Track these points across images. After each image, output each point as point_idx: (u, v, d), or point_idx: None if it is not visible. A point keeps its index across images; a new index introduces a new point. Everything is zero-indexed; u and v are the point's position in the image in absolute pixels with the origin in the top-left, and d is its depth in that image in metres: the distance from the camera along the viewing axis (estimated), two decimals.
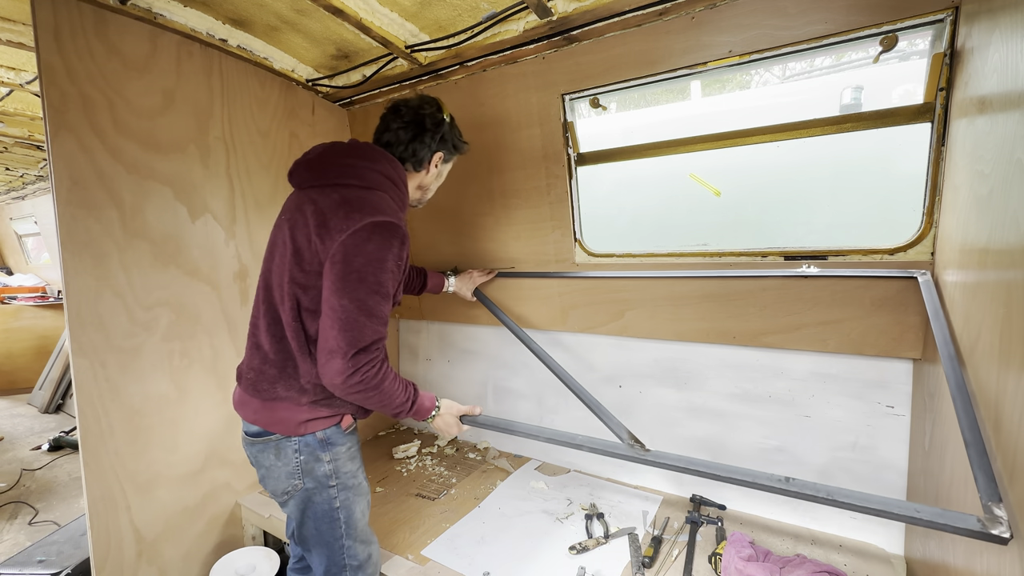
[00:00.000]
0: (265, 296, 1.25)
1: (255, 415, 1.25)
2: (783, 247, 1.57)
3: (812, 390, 1.64)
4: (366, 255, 1.09)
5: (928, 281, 1.33)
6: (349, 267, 1.08)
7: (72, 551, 2.01)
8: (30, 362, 5.01)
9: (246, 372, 1.27)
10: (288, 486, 1.25)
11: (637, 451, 1.25)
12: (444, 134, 1.35)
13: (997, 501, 0.80)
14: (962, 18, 1.15)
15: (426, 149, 1.33)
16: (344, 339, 1.08)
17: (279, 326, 1.22)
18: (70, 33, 1.41)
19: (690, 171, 2.16)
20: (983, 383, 0.94)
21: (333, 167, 1.21)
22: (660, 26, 1.46)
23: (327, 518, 1.27)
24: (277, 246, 1.23)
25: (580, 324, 2.06)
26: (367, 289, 1.09)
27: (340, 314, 1.08)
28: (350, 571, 1.31)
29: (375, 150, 1.27)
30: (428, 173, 1.38)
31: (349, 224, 1.09)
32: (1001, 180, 0.89)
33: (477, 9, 1.53)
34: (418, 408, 1.30)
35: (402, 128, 1.30)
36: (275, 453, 1.24)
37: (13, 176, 4.37)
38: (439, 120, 1.34)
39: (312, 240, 1.13)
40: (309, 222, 1.15)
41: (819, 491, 0.99)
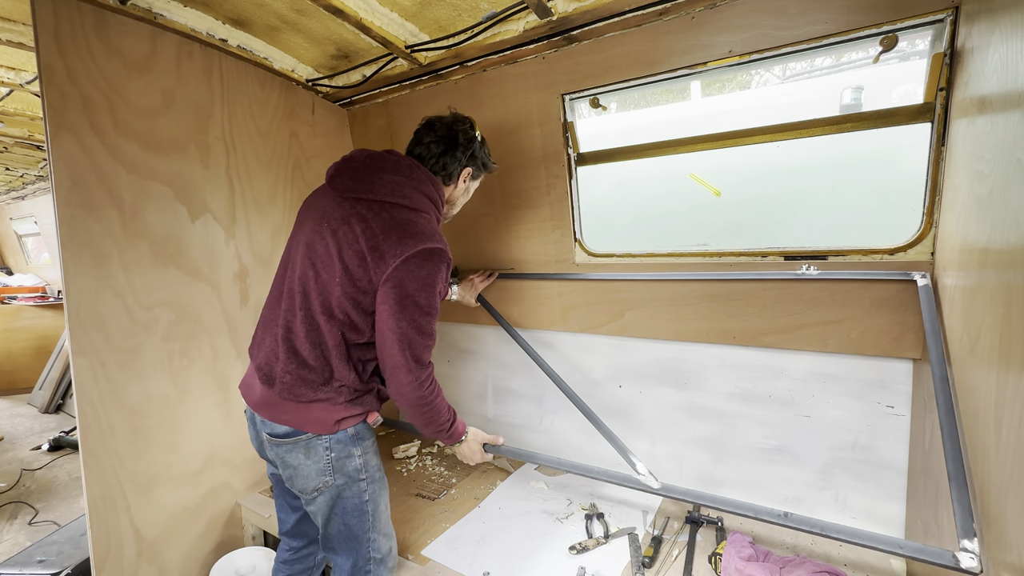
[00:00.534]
0: (303, 302, 1.24)
1: (287, 416, 1.24)
2: (783, 247, 1.57)
3: (812, 390, 1.64)
4: (419, 281, 1.17)
5: (928, 281, 1.33)
6: (404, 292, 1.16)
7: (72, 551, 2.01)
8: (30, 362, 5.01)
9: (281, 375, 1.24)
10: (319, 483, 1.26)
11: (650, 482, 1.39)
12: (475, 151, 1.39)
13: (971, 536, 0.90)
14: (962, 18, 1.15)
15: (456, 164, 1.37)
16: (404, 356, 1.19)
17: (318, 333, 1.23)
18: (70, 33, 1.41)
19: (690, 171, 2.16)
20: (982, 384, 0.94)
21: (381, 183, 1.23)
22: (660, 26, 1.46)
23: (357, 512, 1.29)
24: (318, 254, 1.22)
25: (580, 324, 2.06)
26: (421, 312, 1.18)
27: (399, 335, 1.18)
28: (373, 563, 1.34)
29: (420, 169, 1.30)
30: (456, 188, 1.42)
31: (403, 250, 1.15)
32: (1001, 180, 0.89)
33: (477, 9, 1.53)
34: (453, 431, 1.40)
35: (434, 142, 1.35)
36: (304, 452, 1.24)
37: (13, 176, 4.37)
38: (471, 137, 1.38)
39: (366, 261, 1.17)
40: (360, 241, 1.17)
41: (814, 526, 1.12)
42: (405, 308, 1.16)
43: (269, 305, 1.34)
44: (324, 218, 1.24)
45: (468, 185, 1.45)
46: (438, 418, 1.33)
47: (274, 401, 1.25)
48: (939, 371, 1.14)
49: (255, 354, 1.34)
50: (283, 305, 1.28)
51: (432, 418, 1.32)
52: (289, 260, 1.31)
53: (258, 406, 1.28)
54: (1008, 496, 0.80)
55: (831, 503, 1.62)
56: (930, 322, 1.23)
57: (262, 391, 1.27)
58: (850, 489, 1.59)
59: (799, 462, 1.67)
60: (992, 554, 0.87)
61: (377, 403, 1.35)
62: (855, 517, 1.59)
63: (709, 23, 1.40)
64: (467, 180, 1.42)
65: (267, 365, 1.28)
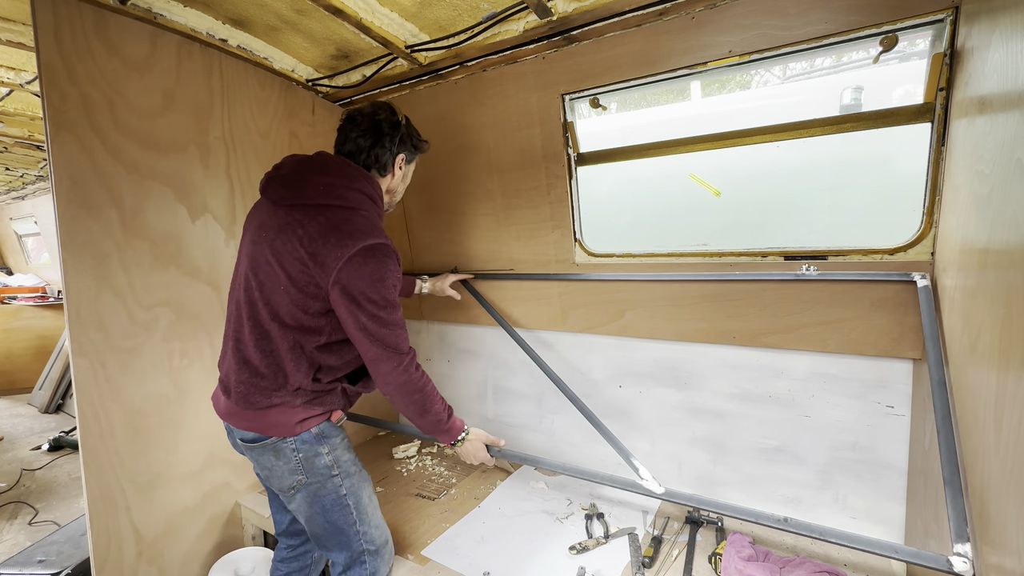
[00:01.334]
0: (250, 312, 1.26)
1: (249, 423, 1.27)
2: (783, 247, 1.57)
3: (812, 390, 1.64)
4: (366, 279, 1.16)
5: (928, 281, 1.33)
6: (355, 292, 1.16)
7: (72, 551, 2.01)
8: (30, 362, 5.01)
9: (235, 385, 1.27)
10: (292, 482, 1.28)
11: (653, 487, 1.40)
12: (402, 136, 1.37)
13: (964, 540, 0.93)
14: (962, 18, 1.15)
15: (387, 153, 1.35)
16: (377, 347, 1.20)
17: (268, 340, 1.24)
18: (70, 33, 1.41)
19: (690, 171, 2.16)
20: (982, 384, 0.94)
21: (312, 186, 1.22)
22: (660, 26, 1.46)
23: (337, 506, 1.31)
24: (260, 264, 1.23)
25: (580, 324, 2.06)
26: (377, 307, 1.18)
27: (364, 331, 1.19)
28: (368, 555, 1.35)
29: (350, 167, 1.28)
30: (394, 177, 1.40)
31: (343, 252, 1.15)
32: (1001, 180, 0.89)
33: (477, 9, 1.53)
34: (451, 426, 1.40)
35: (360, 136, 1.32)
36: (274, 454, 1.27)
37: (13, 176, 4.37)
38: (395, 123, 1.36)
39: (307, 266, 1.17)
40: (299, 249, 1.17)
41: (813, 531, 1.14)
42: (361, 306, 1.17)
43: (227, 320, 1.36)
44: (261, 228, 1.25)
45: (405, 171, 1.43)
46: (432, 407, 1.32)
47: (234, 410, 1.28)
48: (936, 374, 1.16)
49: (221, 367, 1.37)
50: (233, 316, 1.31)
51: (426, 406, 1.31)
52: (235, 274, 1.34)
53: (224, 415, 1.32)
54: (1008, 496, 0.80)
55: (831, 503, 1.62)
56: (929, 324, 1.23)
57: (225, 401, 1.31)
58: (850, 489, 1.59)
59: (799, 462, 1.67)
60: (986, 556, 0.87)
61: (342, 401, 1.36)
62: (855, 517, 1.59)
63: (709, 23, 1.40)
64: (402, 166, 1.41)
65: (226, 377, 1.31)
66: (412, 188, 2.27)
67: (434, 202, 2.24)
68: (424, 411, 1.32)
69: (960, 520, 0.95)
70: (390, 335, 1.21)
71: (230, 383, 1.29)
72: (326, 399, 1.31)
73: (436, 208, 2.25)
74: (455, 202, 2.17)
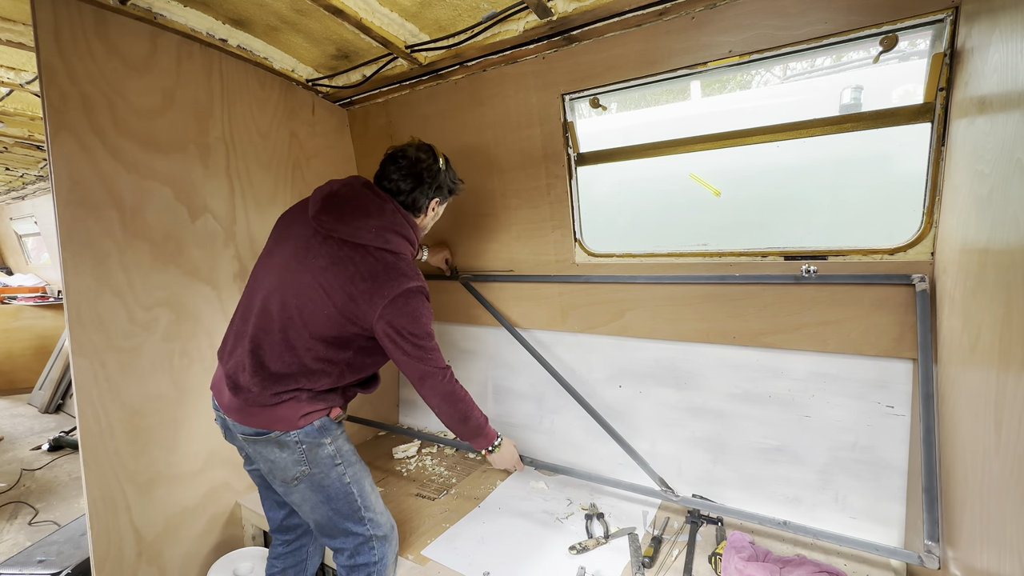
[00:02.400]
0: (282, 326, 1.30)
1: (253, 419, 1.30)
2: (783, 247, 1.57)
3: (812, 390, 1.64)
4: (407, 316, 1.29)
5: (928, 281, 1.33)
6: (398, 328, 1.29)
7: (72, 551, 2.01)
8: (30, 362, 5.01)
9: (247, 386, 1.30)
10: (297, 472, 1.32)
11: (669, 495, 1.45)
12: (440, 182, 1.46)
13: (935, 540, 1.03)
14: (962, 18, 1.15)
15: (424, 198, 1.44)
16: (422, 365, 1.34)
17: (294, 354, 1.30)
18: (70, 33, 1.41)
19: (690, 171, 2.16)
20: (983, 383, 0.94)
21: (367, 228, 1.31)
22: (660, 26, 1.46)
23: (342, 494, 1.35)
24: (304, 287, 1.29)
25: (580, 324, 2.06)
26: (417, 338, 1.32)
27: (410, 358, 1.32)
28: (376, 540, 1.39)
29: (399, 214, 1.38)
30: (427, 217, 1.50)
31: (390, 291, 1.27)
32: (1001, 180, 0.89)
33: (477, 9, 1.53)
34: (488, 432, 1.53)
35: (402, 179, 1.41)
36: (278, 446, 1.31)
37: (13, 176, 4.37)
38: (435, 171, 1.44)
39: (355, 301, 1.27)
40: (349, 286, 1.27)
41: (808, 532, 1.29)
42: (405, 338, 1.30)
43: (241, 315, 1.38)
44: (309, 252, 1.31)
45: (437, 211, 1.52)
46: (472, 414, 1.46)
47: (241, 407, 1.31)
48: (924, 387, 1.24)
49: (225, 360, 1.38)
50: (255, 321, 1.33)
51: (467, 413, 1.45)
52: (266, 278, 1.36)
53: (227, 410, 1.34)
54: (1008, 496, 0.80)
55: (831, 503, 1.62)
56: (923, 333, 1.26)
57: (230, 397, 1.33)
58: (850, 489, 1.59)
59: (799, 462, 1.67)
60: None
61: (341, 400, 1.42)
62: (855, 517, 1.59)
63: (709, 23, 1.40)
64: (435, 208, 1.50)
65: (235, 374, 1.33)
66: None
67: None
68: (466, 418, 1.45)
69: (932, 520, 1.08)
70: (430, 358, 1.35)
71: (240, 382, 1.31)
72: (330, 397, 1.38)
73: None
74: (455, 202, 2.16)
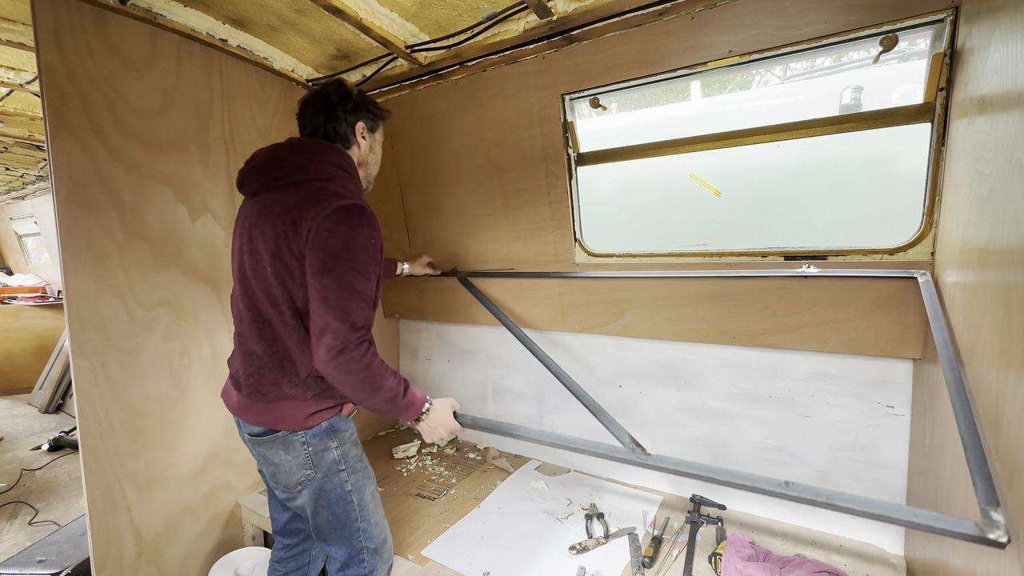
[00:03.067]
0: (248, 304, 1.28)
1: (260, 417, 1.27)
2: (783, 247, 1.57)
3: (812, 390, 1.64)
4: (339, 236, 1.13)
5: (928, 281, 1.33)
6: (326, 250, 1.13)
7: (72, 551, 2.01)
8: (30, 362, 5.01)
9: (245, 379, 1.28)
10: (301, 477, 1.28)
11: (638, 455, 1.25)
12: (355, 104, 1.33)
13: (995, 505, 0.79)
14: (962, 18, 1.15)
15: (344, 123, 1.32)
16: (331, 315, 1.12)
17: (270, 328, 1.24)
18: (70, 33, 1.41)
19: (690, 171, 2.16)
20: (983, 383, 0.94)
21: (286, 167, 1.23)
22: (660, 26, 1.46)
23: (341, 502, 1.31)
24: (246, 255, 1.26)
25: (580, 324, 2.06)
26: (344, 267, 1.13)
27: (324, 293, 1.13)
28: (367, 553, 1.35)
29: (320, 143, 1.28)
30: (360, 148, 1.37)
31: (319, 211, 1.14)
32: (1001, 180, 0.89)
33: (477, 9, 1.53)
34: (410, 399, 1.27)
35: (314, 114, 1.31)
36: (283, 448, 1.27)
37: (13, 176, 4.37)
38: (344, 92, 1.33)
39: (288, 235, 1.16)
40: (279, 222, 1.17)
41: (819, 495, 0.97)
42: (327, 264, 1.13)
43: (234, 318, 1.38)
44: (244, 221, 1.27)
45: (369, 140, 1.39)
46: (384, 383, 1.19)
47: (246, 404, 1.29)
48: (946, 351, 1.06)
49: (231, 364, 1.39)
50: (235, 315, 1.34)
51: (376, 383, 1.17)
52: (235, 273, 1.34)
53: (236, 410, 1.33)
54: (1008, 495, 0.80)
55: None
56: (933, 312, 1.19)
57: (236, 396, 1.32)
58: (850, 489, 1.59)
59: (799, 462, 1.67)
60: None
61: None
62: (855, 517, 1.59)
63: (709, 23, 1.40)
64: (365, 135, 1.37)
65: (236, 372, 1.33)
66: (412, 188, 2.27)
67: (434, 202, 2.24)
68: (376, 388, 1.18)
69: (987, 484, 0.81)
70: (348, 303, 1.13)
71: (240, 377, 1.31)
72: (337, 391, 1.28)
73: (436, 208, 2.24)
74: (455, 202, 2.17)
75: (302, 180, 1.21)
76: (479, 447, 2.40)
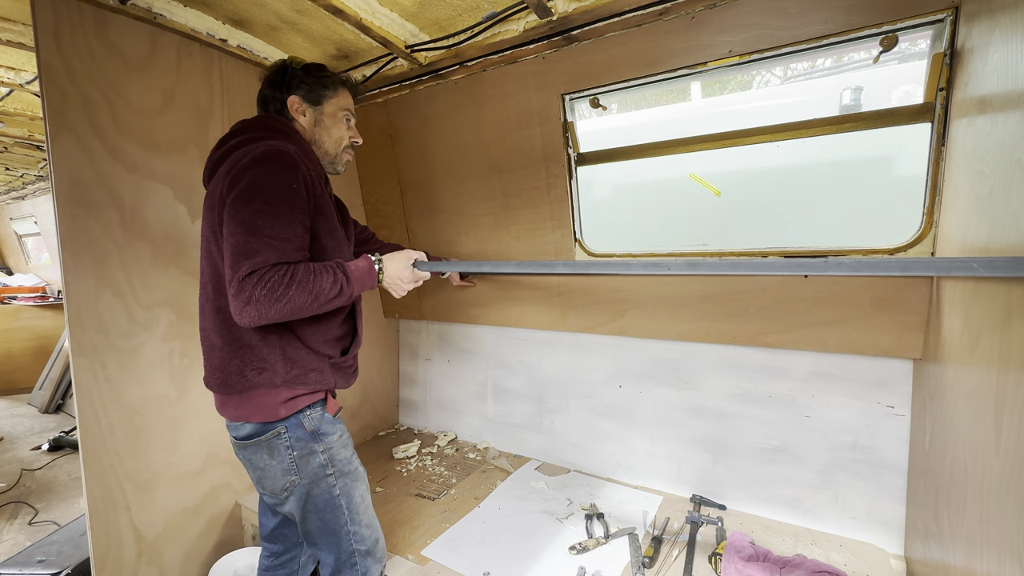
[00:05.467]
0: (204, 295, 1.25)
1: (236, 411, 1.24)
2: (783, 247, 1.57)
3: (812, 390, 1.64)
4: (249, 178, 1.07)
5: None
6: (235, 191, 1.06)
7: (72, 551, 2.01)
8: (30, 362, 5.01)
9: (211, 374, 1.25)
10: (286, 483, 1.25)
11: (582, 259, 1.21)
12: (290, 81, 1.31)
13: None
14: (962, 18, 1.15)
15: (275, 101, 1.32)
16: (231, 267, 1.02)
17: (223, 315, 1.19)
18: (70, 33, 1.41)
19: (690, 171, 2.16)
20: (983, 384, 0.94)
21: (223, 144, 1.22)
22: (660, 26, 1.46)
23: (329, 507, 1.28)
24: (201, 245, 1.24)
25: (580, 324, 2.06)
26: (253, 209, 1.03)
27: (229, 241, 1.03)
28: (359, 556, 1.32)
29: (261, 117, 1.29)
30: (303, 124, 1.33)
31: (234, 164, 1.12)
32: (1001, 180, 0.89)
33: (477, 9, 1.53)
34: (358, 278, 1.18)
35: (265, 88, 1.34)
36: (268, 452, 1.24)
37: (13, 176, 4.37)
38: (277, 68, 1.34)
39: (213, 201, 1.13)
40: (211, 195, 1.16)
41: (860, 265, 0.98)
42: (235, 207, 1.03)
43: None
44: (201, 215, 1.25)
45: (314, 115, 1.33)
46: (316, 289, 1.07)
47: (221, 400, 1.26)
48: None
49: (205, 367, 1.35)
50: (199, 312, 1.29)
51: (309, 298, 1.06)
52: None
53: (218, 408, 1.30)
54: (1008, 496, 0.80)
55: (831, 503, 1.63)
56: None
57: (215, 396, 1.29)
58: (850, 489, 1.59)
59: (799, 462, 1.67)
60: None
61: (332, 378, 1.30)
62: (855, 517, 1.59)
63: (709, 23, 1.40)
64: (305, 111, 1.32)
65: (207, 372, 1.28)
66: (412, 188, 2.27)
67: (434, 202, 2.24)
68: (313, 299, 1.07)
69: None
70: (252, 245, 1.01)
71: (208, 376, 1.28)
72: (310, 376, 1.25)
73: (436, 208, 2.25)
74: (455, 202, 2.17)
75: (233, 147, 1.18)
76: (479, 447, 2.40)
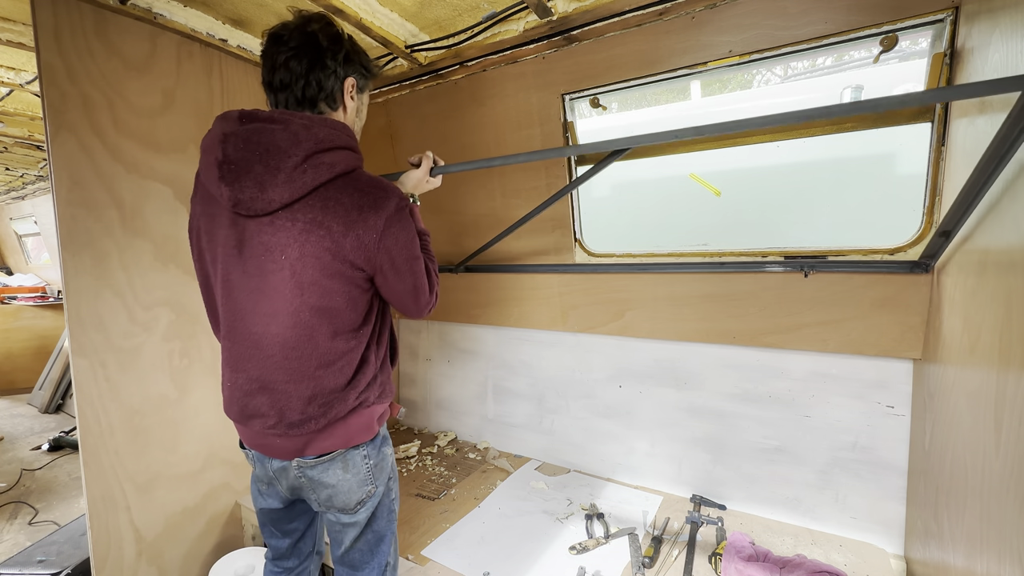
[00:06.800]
0: (283, 323, 1.00)
1: (328, 443, 1.06)
2: (783, 247, 1.57)
3: (812, 390, 1.64)
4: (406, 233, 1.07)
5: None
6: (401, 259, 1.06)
7: (72, 551, 2.01)
8: (30, 362, 5.01)
9: (301, 422, 1.03)
10: (362, 494, 1.11)
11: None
12: (348, 52, 1.02)
13: None
14: (962, 18, 1.15)
15: (332, 78, 1.00)
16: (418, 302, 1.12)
17: (332, 337, 1.02)
18: (70, 33, 1.41)
19: (690, 171, 2.16)
20: (983, 384, 0.94)
21: (292, 181, 0.94)
22: (660, 26, 1.46)
23: (388, 513, 1.20)
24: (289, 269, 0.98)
25: (580, 324, 2.06)
26: (419, 260, 1.11)
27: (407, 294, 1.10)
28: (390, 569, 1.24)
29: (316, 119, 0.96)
30: (346, 110, 1.06)
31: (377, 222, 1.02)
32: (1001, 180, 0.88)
33: (477, 9, 1.53)
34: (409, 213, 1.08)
35: (293, 58, 0.96)
36: (343, 466, 1.08)
37: (13, 176, 4.37)
38: (335, 34, 1.00)
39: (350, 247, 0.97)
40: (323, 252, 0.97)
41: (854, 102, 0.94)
42: (412, 267, 1.05)
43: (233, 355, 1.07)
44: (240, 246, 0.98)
45: (358, 103, 1.10)
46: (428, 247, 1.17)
47: (308, 442, 1.05)
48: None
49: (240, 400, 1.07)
50: (248, 356, 1.04)
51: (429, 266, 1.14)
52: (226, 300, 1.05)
53: (288, 454, 1.07)
54: (1008, 496, 0.80)
55: (831, 503, 1.62)
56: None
57: (287, 442, 1.06)
58: (850, 489, 1.59)
59: (799, 462, 1.67)
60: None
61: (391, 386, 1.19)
62: (855, 517, 1.59)
63: (709, 23, 1.40)
64: (354, 95, 1.06)
65: (287, 415, 1.04)
66: None
67: (434, 202, 2.24)
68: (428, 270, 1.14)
69: None
70: (427, 284, 1.12)
71: (276, 417, 1.03)
72: (390, 385, 1.16)
73: (436, 208, 2.25)
74: (455, 202, 2.17)
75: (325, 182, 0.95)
76: (479, 447, 2.40)
